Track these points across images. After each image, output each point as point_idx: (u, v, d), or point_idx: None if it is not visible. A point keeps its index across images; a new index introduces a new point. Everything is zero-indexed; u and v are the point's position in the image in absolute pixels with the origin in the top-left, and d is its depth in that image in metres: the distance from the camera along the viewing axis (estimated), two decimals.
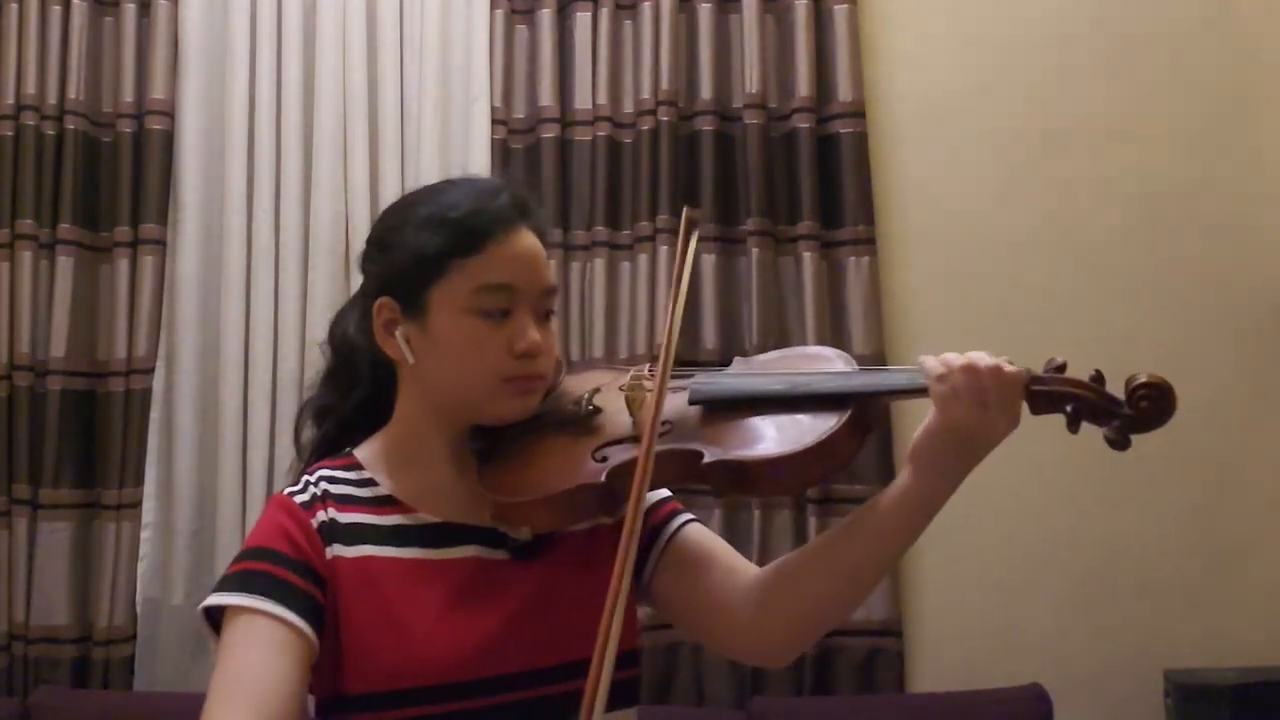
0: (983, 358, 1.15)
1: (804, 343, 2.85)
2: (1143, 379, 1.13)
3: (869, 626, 2.80)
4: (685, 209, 1.28)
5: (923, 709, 2.74)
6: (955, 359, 1.16)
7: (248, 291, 2.93)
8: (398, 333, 1.26)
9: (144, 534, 2.87)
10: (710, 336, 2.89)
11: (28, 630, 2.81)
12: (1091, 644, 2.84)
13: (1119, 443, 1.14)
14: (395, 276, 1.26)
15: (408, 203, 1.32)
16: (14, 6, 2.97)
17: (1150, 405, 1.13)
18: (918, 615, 2.87)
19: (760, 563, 1.34)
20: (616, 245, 2.95)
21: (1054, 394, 1.15)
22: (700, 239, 2.94)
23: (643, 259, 2.90)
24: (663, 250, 2.89)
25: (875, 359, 2.85)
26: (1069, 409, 1.15)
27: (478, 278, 1.22)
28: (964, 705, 2.69)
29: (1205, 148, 2.97)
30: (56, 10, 2.97)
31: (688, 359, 2.87)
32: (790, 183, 2.95)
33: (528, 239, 1.26)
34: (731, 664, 2.79)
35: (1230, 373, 2.90)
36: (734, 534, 2.81)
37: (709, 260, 2.92)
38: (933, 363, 1.18)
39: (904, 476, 1.20)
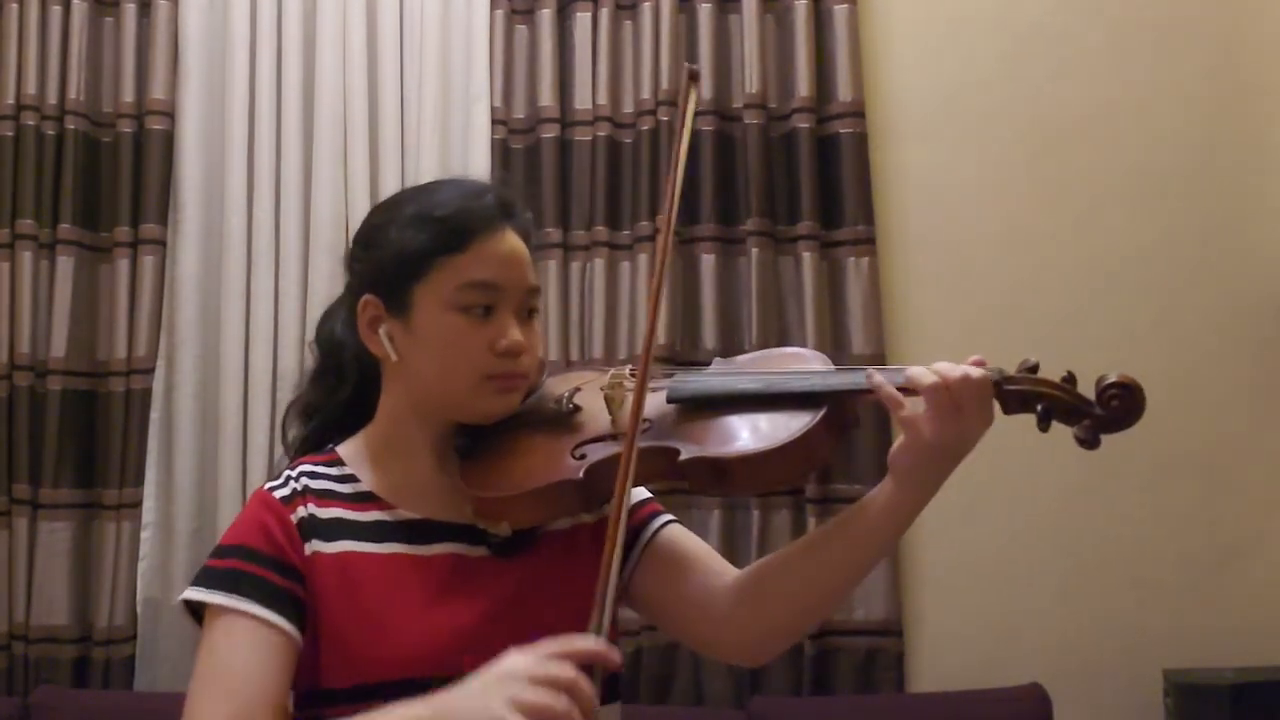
0: (948, 370, 1.15)
1: (804, 343, 2.85)
2: (1112, 379, 1.15)
3: (868, 626, 2.80)
4: (687, 65, 1.30)
5: (922, 709, 2.74)
6: (921, 377, 1.15)
7: (248, 291, 2.93)
8: (381, 330, 1.27)
9: (144, 534, 2.87)
10: (710, 337, 2.89)
11: (28, 630, 2.81)
12: (1091, 644, 2.84)
13: (1088, 442, 1.16)
14: (380, 274, 1.28)
15: (393, 203, 1.34)
16: (14, 6, 2.97)
17: (1120, 405, 1.14)
18: (917, 615, 2.87)
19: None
20: (616, 245, 2.95)
21: (1026, 394, 1.17)
22: (699, 240, 2.95)
23: (643, 259, 2.90)
24: None
25: (875, 359, 2.85)
26: (1039, 408, 1.17)
27: (461, 275, 1.24)
28: (963, 705, 2.69)
29: (1206, 146, 2.97)
30: (56, 10, 2.97)
31: (688, 359, 2.87)
32: (790, 183, 2.95)
33: (511, 239, 1.27)
34: (731, 664, 2.80)
35: (1230, 372, 2.90)
36: (733, 534, 2.81)
37: (709, 260, 2.92)
38: (889, 390, 1.17)
39: (884, 485, 1.22)
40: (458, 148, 3.00)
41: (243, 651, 1.15)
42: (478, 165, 2.95)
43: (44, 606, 2.83)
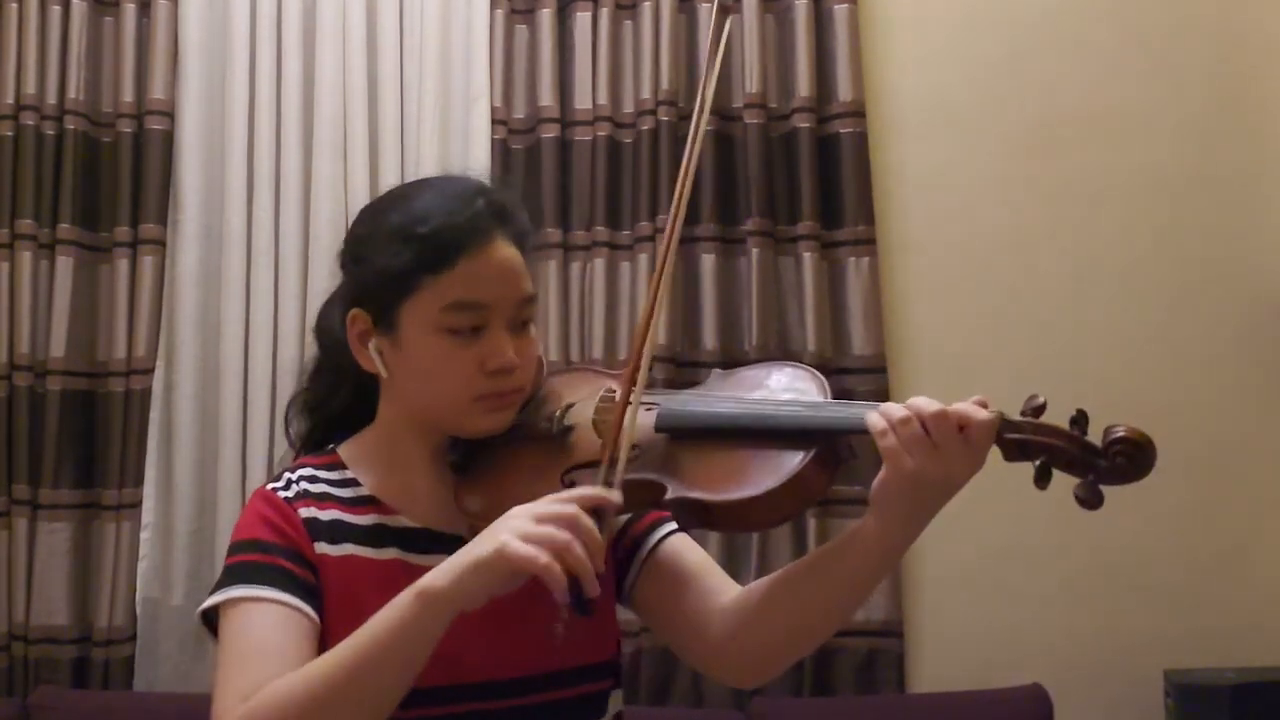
0: (924, 405, 1.10)
1: (804, 343, 2.86)
2: (1121, 432, 1.08)
3: (869, 627, 2.80)
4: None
5: (923, 709, 2.74)
6: (895, 411, 1.11)
7: (247, 291, 2.93)
8: (370, 345, 1.24)
9: (144, 534, 2.86)
10: (710, 337, 2.89)
11: (28, 630, 2.81)
12: (1091, 644, 2.84)
13: (1089, 502, 1.10)
14: (365, 290, 1.24)
15: (378, 209, 1.29)
16: (14, 6, 2.96)
17: (1126, 462, 1.09)
18: (918, 615, 2.87)
19: (760, 571, 1.33)
20: (616, 245, 2.95)
21: (1026, 443, 1.10)
22: (699, 240, 2.94)
23: (643, 259, 2.90)
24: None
25: (875, 359, 2.85)
26: (1038, 463, 1.10)
27: (446, 295, 1.18)
28: (964, 706, 2.69)
29: (1206, 148, 2.97)
30: (56, 10, 2.97)
31: (688, 359, 2.87)
32: (790, 183, 2.94)
33: (502, 250, 1.21)
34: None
35: (1230, 372, 2.89)
36: (733, 540, 2.80)
37: (709, 260, 2.92)
38: (874, 417, 1.12)
39: (867, 521, 1.16)
40: (458, 148, 3.00)
41: (262, 631, 1.12)
42: (478, 165, 2.94)
43: (44, 607, 2.82)
